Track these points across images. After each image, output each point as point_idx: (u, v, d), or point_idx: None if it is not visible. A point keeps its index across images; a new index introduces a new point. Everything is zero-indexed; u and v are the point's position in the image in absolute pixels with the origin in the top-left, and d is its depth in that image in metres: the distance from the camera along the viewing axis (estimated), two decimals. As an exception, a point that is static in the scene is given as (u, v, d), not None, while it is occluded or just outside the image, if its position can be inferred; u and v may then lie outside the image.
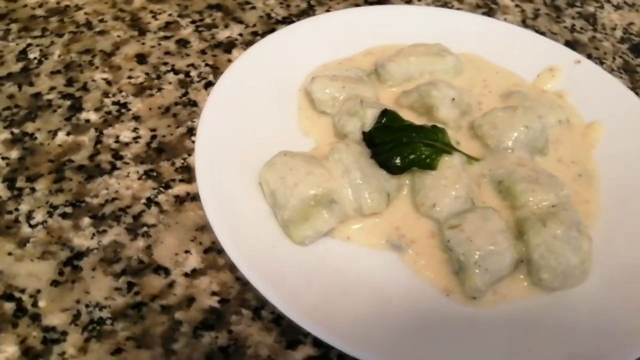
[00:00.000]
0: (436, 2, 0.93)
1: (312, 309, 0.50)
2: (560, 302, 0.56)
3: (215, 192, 0.56)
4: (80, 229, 0.59)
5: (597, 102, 0.72)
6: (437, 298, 0.55)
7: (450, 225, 0.56)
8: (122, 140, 0.67)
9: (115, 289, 0.54)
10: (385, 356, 0.49)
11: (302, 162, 0.58)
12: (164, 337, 0.52)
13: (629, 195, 0.64)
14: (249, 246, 0.53)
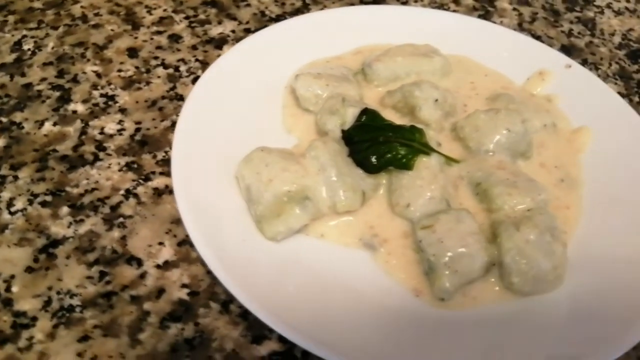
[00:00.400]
0: (432, 3, 0.93)
1: (278, 305, 0.50)
2: (533, 307, 0.55)
3: (189, 185, 0.56)
4: (58, 218, 0.59)
5: (586, 107, 0.71)
6: (407, 298, 0.55)
7: (422, 226, 0.56)
8: (106, 132, 0.68)
9: (87, 277, 0.55)
10: (349, 356, 0.48)
11: (279, 158, 0.58)
12: (131, 326, 0.52)
13: (613, 201, 0.63)
14: (218, 239, 0.53)
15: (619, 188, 0.64)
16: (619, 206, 0.62)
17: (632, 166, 0.65)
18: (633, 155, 0.65)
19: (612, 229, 0.61)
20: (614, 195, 0.63)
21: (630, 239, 0.59)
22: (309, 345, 0.48)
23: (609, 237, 0.60)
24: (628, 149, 0.66)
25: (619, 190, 0.64)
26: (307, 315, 0.51)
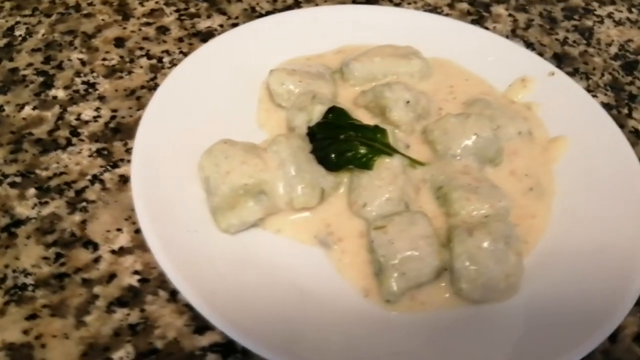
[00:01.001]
0: (426, 6, 0.92)
1: (220, 299, 0.49)
2: (485, 315, 0.54)
3: (147, 172, 0.57)
4: (24, 199, 0.61)
5: (566, 117, 0.69)
6: (355, 298, 0.54)
7: (375, 226, 0.55)
8: (83, 118, 0.69)
9: (43, 258, 0.56)
10: (290, 355, 0.47)
11: (241, 151, 0.59)
12: (79, 308, 0.53)
13: (582, 214, 0.61)
14: (168, 228, 0.53)
15: (589, 201, 0.62)
16: (587, 220, 0.61)
17: (605, 180, 0.63)
18: (608, 168, 0.64)
19: (578, 242, 0.59)
20: (584, 208, 0.62)
21: (594, 254, 0.57)
22: (247, 343, 0.47)
23: (573, 250, 0.59)
24: (604, 162, 0.64)
25: (589, 204, 0.62)
26: (251, 311, 0.50)
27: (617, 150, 0.64)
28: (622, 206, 0.60)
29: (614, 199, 0.61)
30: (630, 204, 0.60)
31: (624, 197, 0.61)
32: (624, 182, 0.62)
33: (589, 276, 0.56)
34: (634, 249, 0.56)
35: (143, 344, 0.51)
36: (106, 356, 0.50)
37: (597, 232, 0.59)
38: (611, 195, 0.61)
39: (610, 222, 0.59)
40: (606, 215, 0.60)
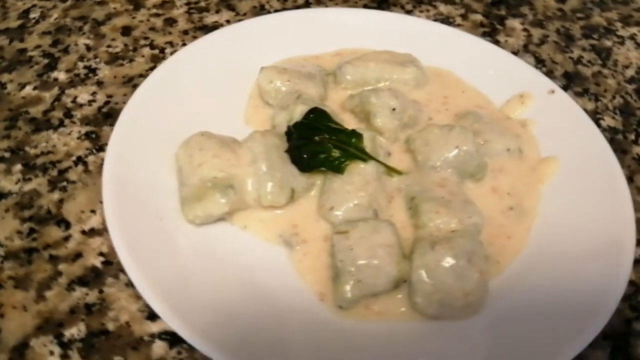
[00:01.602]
0: (438, 15, 0.91)
1: (172, 290, 0.50)
2: (441, 331, 0.53)
3: (121, 159, 0.58)
4: (10, 174, 0.63)
5: (560, 137, 0.67)
6: (311, 301, 0.54)
7: (338, 230, 0.55)
8: (78, 101, 0.71)
9: (17, 232, 0.58)
10: (236, 355, 0.47)
11: (216, 144, 0.59)
12: (41, 283, 0.55)
13: (562, 239, 0.59)
14: (133, 212, 0.54)
15: (571, 227, 0.59)
16: (566, 246, 0.58)
17: (591, 207, 0.60)
18: (596, 195, 0.61)
19: (551, 268, 0.57)
20: (564, 234, 0.59)
21: (565, 281, 0.55)
22: (192, 339, 0.46)
23: (546, 275, 0.56)
24: (592, 187, 0.62)
25: (570, 230, 0.59)
26: (201, 305, 0.50)
27: (608, 176, 0.62)
28: (603, 236, 0.57)
29: (596, 227, 0.58)
30: (612, 235, 0.57)
31: (606, 226, 0.58)
32: (609, 211, 0.59)
33: (558, 303, 0.54)
34: (606, 282, 0.53)
35: (95, 324, 0.52)
36: (59, 332, 0.51)
37: (572, 259, 0.57)
38: (594, 224, 0.59)
39: (588, 251, 0.56)
40: (585, 244, 0.57)
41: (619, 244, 0.56)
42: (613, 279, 0.53)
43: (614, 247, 0.56)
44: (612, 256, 0.55)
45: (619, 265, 0.54)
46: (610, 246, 0.56)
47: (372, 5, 0.91)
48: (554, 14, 0.94)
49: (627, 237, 0.56)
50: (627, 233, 0.56)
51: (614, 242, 0.56)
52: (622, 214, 0.58)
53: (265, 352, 0.49)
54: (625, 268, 0.53)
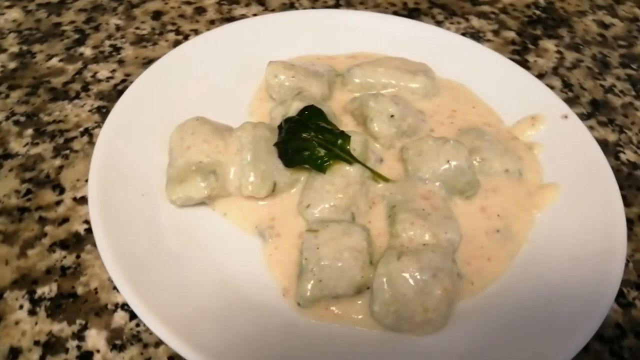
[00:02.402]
0: (469, 29, 0.89)
1: (134, 263, 0.50)
2: (396, 344, 0.51)
3: (116, 132, 0.59)
4: (21, 137, 0.67)
5: (566, 165, 0.64)
6: (274, 295, 0.54)
7: (309, 228, 0.55)
8: (97, 77, 0.75)
9: (15, 191, 0.62)
10: (184, 336, 0.46)
11: (208, 130, 0.60)
12: (26, 241, 0.58)
13: (548, 269, 0.56)
14: (115, 185, 0.56)
15: (561, 258, 0.57)
16: (551, 276, 0.55)
17: (586, 242, 0.56)
18: (593, 230, 0.57)
19: (531, 296, 0.54)
20: (552, 264, 0.56)
21: (542, 316, 0.52)
22: (143, 315, 0.47)
23: (523, 302, 0.54)
24: (590, 221, 0.58)
25: (559, 260, 0.56)
26: (163, 284, 0.51)
27: (607, 211, 0.58)
28: (590, 274, 0.54)
29: (585, 264, 0.55)
30: (598, 275, 0.53)
31: (596, 265, 0.54)
32: (602, 249, 0.55)
33: (530, 337, 0.51)
34: (585, 321, 0.50)
35: (67, 286, 0.54)
36: (32, 289, 0.54)
37: (554, 293, 0.54)
38: (584, 260, 0.55)
39: (571, 287, 0.53)
40: (569, 279, 0.54)
41: (603, 285, 0.52)
42: (592, 320, 0.50)
43: (597, 288, 0.52)
44: (594, 298, 0.52)
45: (599, 309, 0.50)
46: (595, 287, 0.53)
47: (402, 12, 0.90)
48: (594, 39, 0.89)
49: (612, 279, 0.52)
50: (614, 273, 0.53)
51: (598, 282, 0.53)
52: (613, 255, 0.54)
53: (215, 337, 0.49)
54: (602, 311, 0.50)
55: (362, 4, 0.92)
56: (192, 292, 0.52)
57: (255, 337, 0.51)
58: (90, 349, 0.51)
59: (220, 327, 0.50)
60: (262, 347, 0.50)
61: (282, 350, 0.50)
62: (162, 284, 0.51)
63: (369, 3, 0.92)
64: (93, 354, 0.50)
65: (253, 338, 0.51)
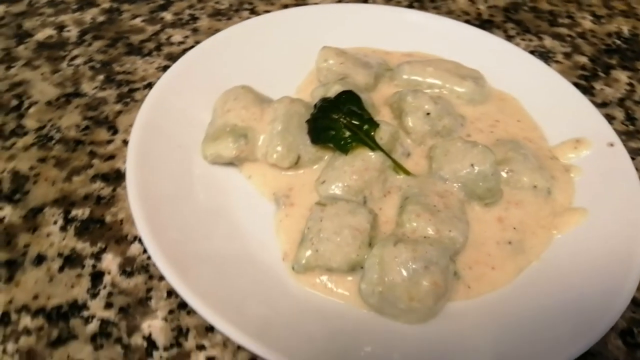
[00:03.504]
0: (540, 48, 0.87)
1: (154, 208, 0.54)
2: (379, 327, 0.52)
3: (167, 89, 0.65)
4: (93, 81, 0.75)
5: (600, 192, 0.62)
6: (274, 257, 0.57)
7: (318, 202, 0.57)
8: (171, 40, 0.82)
9: (76, 125, 0.69)
10: (182, 276, 0.49)
11: (249, 99, 0.64)
12: (74, 169, 0.64)
13: (551, 291, 0.55)
14: (153, 134, 0.60)
15: (567, 286, 0.55)
16: (552, 299, 0.54)
17: (598, 275, 0.54)
18: (608, 264, 0.55)
19: (531, 314, 0.53)
20: (556, 288, 0.55)
21: (529, 335, 0.51)
22: (154, 255, 0.50)
23: (516, 317, 0.53)
24: (610, 256, 0.55)
25: (564, 287, 0.54)
26: (176, 227, 0.54)
27: (628, 249, 0.55)
28: (597, 306, 0.51)
29: (590, 294, 0.53)
30: (607, 309, 0.51)
31: (605, 300, 0.52)
32: (613, 283, 0.53)
33: (515, 350, 0.50)
34: (576, 348, 0.48)
35: (98, 213, 0.60)
36: (68, 209, 0.61)
37: (552, 314, 0.52)
38: (590, 289, 0.53)
39: (572, 314, 0.52)
40: (574, 305, 0.52)
41: (603, 321, 0.50)
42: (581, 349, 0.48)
43: (597, 322, 0.50)
44: (591, 329, 0.50)
45: (592, 343, 0.49)
46: (595, 319, 0.50)
47: (474, 22, 0.90)
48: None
49: (612, 314, 0.50)
50: (616, 309, 0.50)
51: (600, 316, 0.51)
52: (621, 290, 0.52)
53: (212, 281, 0.52)
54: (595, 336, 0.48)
55: (435, 8, 0.93)
56: (201, 238, 0.56)
57: (247, 290, 0.53)
58: (103, 270, 0.56)
59: (218, 273, 0.53)
60: (251, 299, 0.52)
61: (269, 307, 0.52)
62: (174, 224, 0.55)
63: (442, 9, 0.93)
64: (104, 274, 0.56)
65: (245, 290, 0.53)
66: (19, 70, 0.75)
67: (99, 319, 0.53)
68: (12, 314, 0.52)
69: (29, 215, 0.60)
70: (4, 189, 0.62)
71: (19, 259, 0.56)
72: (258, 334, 0.48)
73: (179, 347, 0.51)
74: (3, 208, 0.60)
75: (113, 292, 0.55)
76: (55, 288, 0.54)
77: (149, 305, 0.54)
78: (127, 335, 0.52)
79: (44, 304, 0.53)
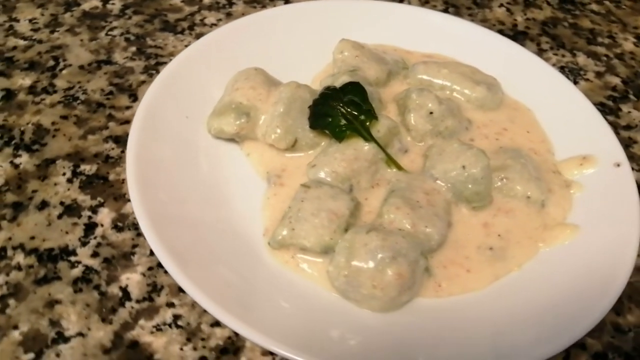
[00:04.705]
0: (570, 64, 0.85)
1: (146, 170, 0.57)
2: (341, 309, 0.53)
3: (184, 64, 0.68)
4: (124, 51, 0.80)
5: (597, 210, 0.60)
6: (256, 232, 0.58)
7: (304, 184, 0.58)
8: (205, 21, 0.86)
9: (101, 89, 0.74)
10: (165, 246, 0.51)
11: (260, 80, 0.67)
12: (91, 128, 0.69)
13: (525, 303, 0.54)
14: (162, 103, 0.64)
15: (542, 300, 0.54)
16: (524, 311, 0.53)
17: (576, 294, 0.53)
18: (591, 285, 0.53)
19: (494, 320, 0.53)
20: (531, 301, 0.54)
21: (491, 344, 0.50)
22: (137, 212, 0.53)
23: (483, 323, 0.52)
24: (593, 277, 0.54)
25: (539, 302, 0.53)
26: (164, 190, 0.57)
27: (613, 272, 0.53)
28: (566, 325, 0.50)
29: (564, 314, 0.51)
30: (577, 327, 0.50)
31: (576, 319, 0.50)
32: (589, 306, 0.51)
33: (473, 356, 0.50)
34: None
35: (103, 171, 0.65)
36: (78, 163, 0.65)
37: (519, 329, 0.51)
38: (565, 308, 0.52)
39: (543, 331, 0.50)
40: (545, 321, 0.51)
41: (571, 337, 0.49)
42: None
43: (563, 339, 0.49)
44: (559, 343, 0.49)
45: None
46: (565, 337, 0.49)
47: (508, 32, 0.89)
48: None
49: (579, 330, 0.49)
50: (582, 328, 0.49)
51: (569, 338, 0.49)
52: (593, 313, 0.50)
53: (188, 244, 0.54)
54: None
55: (470, 15, 0.92)
56: (188, 203, 0.58)
57: (221, 257, 0.55)
58: (97, 222, 0.60)
59: (197, 237, 0.55)
60: (223, 267, 0.54)
61: (240, 277, 0.54)
62: (165, 187, 0.58)
63: (478, 16, 0.92)
64: (97, 225, 0.60)
65: (220, 257, 0.55)
66: (61, 34, 0.81)
67: (83, 266, 0.56)
68: (8, 250, 0.57)
69: (42, 165, 0.65)
70: (25, 139, 0.67)
71: (25, 202, 0.61)
72: (222, 299, 0.50)
73: (150, 302, 0.54)
74: (22, 156, 0.65)
75: (102, 243, 0.58)
76: (52, 232, 0.59)
77: (132, 259, 0.57)
78: (106, 283, 0.55)
79: (38, 245, 0.58)
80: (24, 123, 0.69)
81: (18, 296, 0.54)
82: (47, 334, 0.52)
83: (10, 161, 0.65)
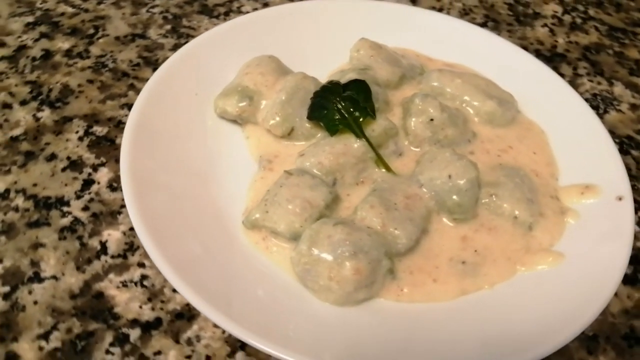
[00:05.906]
0: (604, 93, 0.81)
1: (141, 140, 0.59)
2: (299, 296, 0.53)
3: (202, 47, 0.70)
4: (160, 29, 0.84)
5: (586, 243, 0.57)
6: (236, 211, 0.60)
7: (287, 171, 0.59)
8: (241, 9, 0.89)
9: (129, 60, 0.78)
10: (142, 212, 0.53)
11: (271, 68, 0.68)
12: (112, 94, 0.73)
13: (489, 326, 0.52)
14: (173, 80, 0.66)
15: (507, 325, 0.52)
16: (486, 335, 0.51)
17: (546, 324, 0.50)
18: (562, 317, 0.51)
19: (453, 337, 0.51)
20: (497, 324, 0.52)
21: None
22: (123, 178, 0.55)
23: (439, 337, 0.51)
24: (565, 310, 0.51)
25: (504, 327, 0.51)
26: (155, 160, 0.59)
27: (589, 308, 0.51)
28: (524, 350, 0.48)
29: (529, 342, 0.49)
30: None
31: (536, 343, 0.49)
32: (554, 335, 0.49)
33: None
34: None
35: (112, 134, 0.69)
36: (91, 124, 0.69)
37: (478, 351, 0.50)
38: (531, 338, 0.50)
39: (497, 350, 0.49)
40: (507, 344, 0.50)
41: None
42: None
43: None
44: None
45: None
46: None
47: (545, 53, 0.86)
48: None
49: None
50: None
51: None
52: (556, 342, 0.48)
53: (163, 214, 0.55)
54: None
55: (509, 31, 0.90)
56: (175, 173, 0.60)
57: (194, 229, 0.56)
58: (95, 180, 0.64)
59: (174, 206, 0.57)
60: (193, 239, 0.55)
61: (208, 251, 0.55)
62: (155, 155, 0.60)
63: (517, 33, 0.89)
64: (94, 182, 0.63)
65: (193, 229, 0.56)
66: (107, 6, 0.87)
67: (73, 217, 0.60)
68: (11, 192, 0.62)
69: (60, 121, 0.69)
70: (51, 96, 0.72)
71: (37, 152, 0.66)
72: (183, 270, 0.51)
73: (124, 259, 0.57)
74: (44, 110, 0.71)
75: (94, 199, 0.62)
76: (53, 183, 0.63)
77: (117, 218, 0.60)
78: (89, 236, 0.59)
79: (38, 192, 0.62)
80: (54, 82, 0.74)
81: (9, 234, 0.58)
82: (26, 272, 0.56)
83: (33, 114, 0.70)
